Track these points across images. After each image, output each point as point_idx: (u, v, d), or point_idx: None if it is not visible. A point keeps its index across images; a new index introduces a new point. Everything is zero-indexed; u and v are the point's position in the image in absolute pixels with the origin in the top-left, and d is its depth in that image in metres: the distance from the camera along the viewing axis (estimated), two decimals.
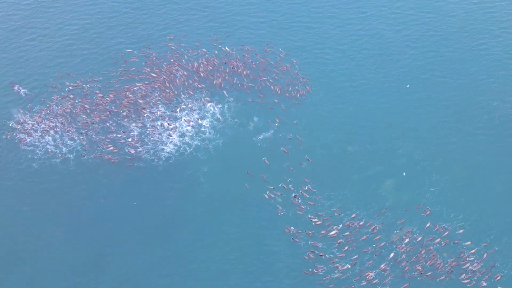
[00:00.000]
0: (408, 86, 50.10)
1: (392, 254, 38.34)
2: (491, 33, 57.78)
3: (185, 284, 37.78)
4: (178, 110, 49.15)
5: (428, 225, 39.80)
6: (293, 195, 42.25)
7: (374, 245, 39.02)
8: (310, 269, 37.75)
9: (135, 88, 51.07)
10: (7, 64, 55.77)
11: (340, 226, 40.08)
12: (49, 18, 62.21)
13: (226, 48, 55.59)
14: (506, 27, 58.50)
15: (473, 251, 38.34)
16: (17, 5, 64.49)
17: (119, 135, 47.11)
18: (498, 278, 36.90)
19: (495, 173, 43.89)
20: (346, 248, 38.84)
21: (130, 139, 46.67)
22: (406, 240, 39.03)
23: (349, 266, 37.81)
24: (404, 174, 43.52)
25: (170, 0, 64.02)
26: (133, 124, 48.00)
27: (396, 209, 41.20)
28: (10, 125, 48.66)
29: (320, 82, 52.18)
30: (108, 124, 48.04)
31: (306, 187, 42.63)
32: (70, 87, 51.89)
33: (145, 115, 48.80)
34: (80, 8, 63.57)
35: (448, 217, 40.55)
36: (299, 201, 41.77)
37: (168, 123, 47.83)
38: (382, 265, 37.74)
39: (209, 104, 49.64)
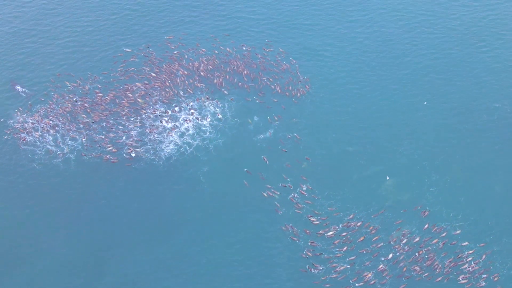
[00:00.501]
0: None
1: (390, 255, 38.30)
2: (493, 34, 57.57)
3: (186, 285, 37.81)
4: (178, 109, 49.24)
5: (426, 226, 39.73)
6: (292, 194, 42.28)
7: (372, 245, 38.97)
8: (307, 266, 37.78)
9: (135, 88, 51.17)
10: (8, 63, 55.96)
11: (340, 226, 40.02)
12: (49, 19, 62.38)
13: (227, 48, 55.65)
14: (508, 29, 58.30)
15: (471, 251, 38.27)
16: (18, 7, 64.69)
17: (119, 135, 47.22)
18: (496, 278, 36.82)
19: (495, 173, 43.76)
20: (344, 248, 38.82)
21: (130, 139, 46.77)
22: (404, 241, 38.99)
23: (348, 266, 37.80)
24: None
25: (170, 0, 64.11)
26: (133, 124, 48.10)
27: (395, 210, 41.13)
28: (10, 124, 48.82)
29: (320, 81, 52.12)
30: (109, 124, 48.12)
31: (305, 187, 42.66)
32: (70, 87, 52.05)
33: (145, 114, 48.89)
34: (80, 9, 63.69)
35: (447, 217, 40.45)
36: (298, 200, 41.81)
37: (167, 123, 47.89)
38: (380, 266, 37.70)
39: (209, 103, 49.69)
